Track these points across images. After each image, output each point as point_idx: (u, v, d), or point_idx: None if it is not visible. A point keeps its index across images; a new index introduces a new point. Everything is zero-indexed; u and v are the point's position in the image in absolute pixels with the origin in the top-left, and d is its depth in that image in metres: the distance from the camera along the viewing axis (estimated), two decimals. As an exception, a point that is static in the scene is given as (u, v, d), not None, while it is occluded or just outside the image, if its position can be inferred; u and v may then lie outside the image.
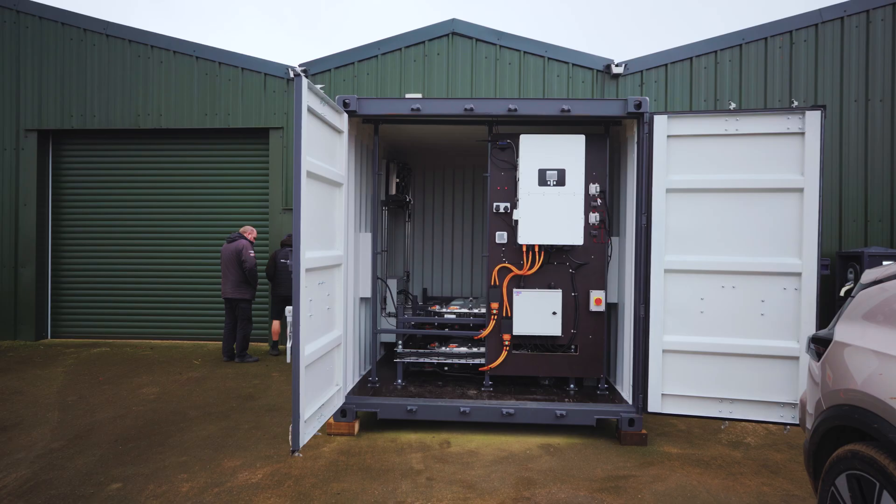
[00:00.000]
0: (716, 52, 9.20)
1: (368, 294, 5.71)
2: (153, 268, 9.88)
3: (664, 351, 4.79)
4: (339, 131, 5.03)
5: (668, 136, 4.77)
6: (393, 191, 7.04)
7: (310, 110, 4.21)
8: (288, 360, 3.78)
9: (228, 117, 9.51)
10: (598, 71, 9.35)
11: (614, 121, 5.34)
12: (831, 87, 9.07)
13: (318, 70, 9.55)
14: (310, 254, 4.19)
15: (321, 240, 4.53)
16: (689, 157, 4.74)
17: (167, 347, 9.20)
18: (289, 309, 3.92)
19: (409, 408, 5.05)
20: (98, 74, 9.72)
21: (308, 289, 4.19)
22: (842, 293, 8.15)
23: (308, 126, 4.16)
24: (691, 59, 9.24)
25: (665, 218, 4.75)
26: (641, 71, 9.33)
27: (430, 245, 8.62)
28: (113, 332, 9.93)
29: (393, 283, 7.13)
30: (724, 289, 4.67)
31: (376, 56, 9.44)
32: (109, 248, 9.96)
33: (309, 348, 4.20)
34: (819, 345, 2.98)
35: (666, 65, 9.30)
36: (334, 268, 4.91)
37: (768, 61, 9.13)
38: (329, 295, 4.77)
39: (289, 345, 3.79)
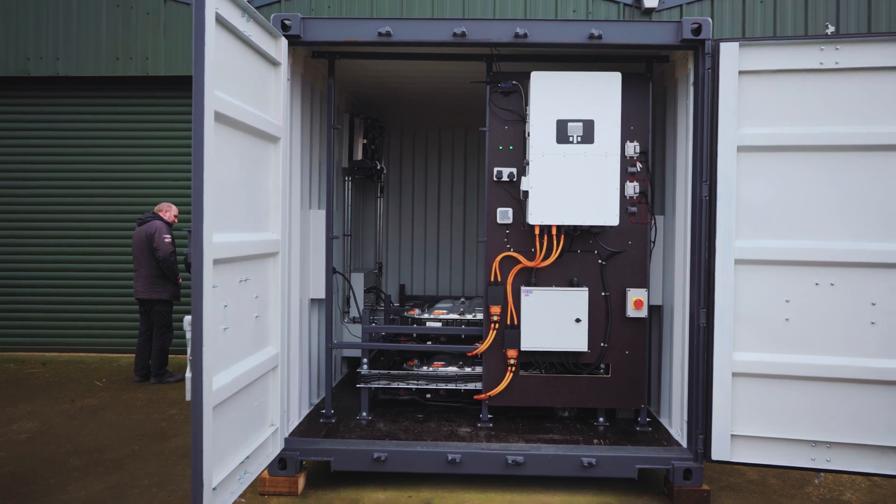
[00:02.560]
0: (776, -20, 8.53)
1: (322, 294, 5.11)
2: (49, 258, 9.19)
3: (734, 374, 4.29)
4: (274, 63, 4.30)
5: (740, 73, 4.27)
6: (359, 155, 6.48)
7: (221, 21, 3.37)
8: (188, 396, 2.88)
9: (147, 63, 8.86)
10: (625, 4, 8.70)
11: (660, 55, 4.89)
12: (924, 23, 8.36)
13: (263, 1, 8.69)
14: (222, 237, 3.41)
15: (244, 217, 3.80)
16: (768, 101, 4.26)
17: (65, 363, 8.52)
18: (188, 319, 3.11)
19: (375, 455, 4.39)
20: (-26, 6, 8.93)
21: (221, 290, 3.43)
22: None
23: (219, 46, 3.35)
24: (745, -11, 8.54)
25: (735, 188, 4.27)
26: (681, 5, 8.75)
27: (409, 228, 8.16)
28: (-5, 343, 9.23)
29: (359, 279, 6.65)
30: (819, 287, 4.22)
31: (339, -18, 8.63)
32: (-7, 234, 9.26)
33: (222, 379, 3.42)
34: None
35: (713, -4, 8.61)
36: (266, 258, 4.18)
37: (843, -8, 8.44)
38: (258, 297, 4.02)
39: (187, 375, 2.90)
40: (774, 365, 4.22)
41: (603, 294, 4.80)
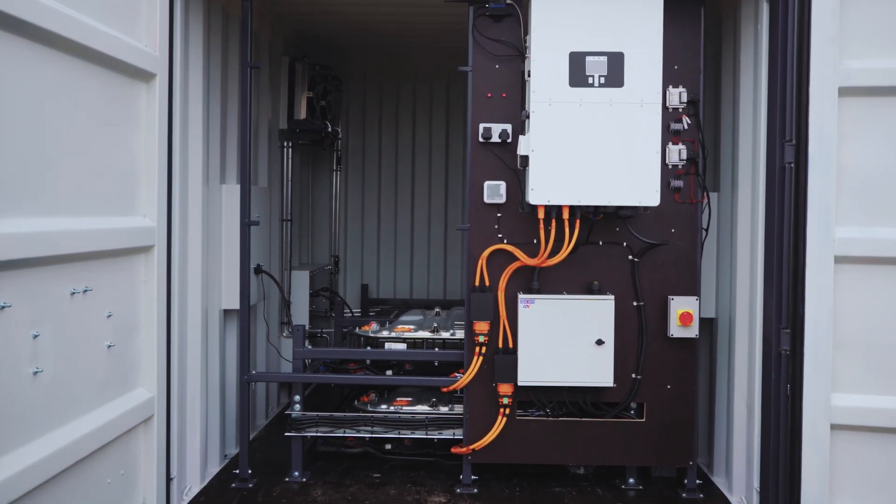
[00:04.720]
0: None
1: (236, 304, 4.65)
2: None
3: (834, 426, 3.78)
4: (143, -37, 3.60)
5: (842, -16, 3.85)
6: (302, 114, 6.20)
7: None
8: None
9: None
10: None
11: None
12: None
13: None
14: (16, 224, 2.53)
15: (82, 192, 3.05)
16: (887, 20, 3.78)
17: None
18: None
19: (304, 545, 3.85)
20: None
21: (23, 310, 2.58)
22: None
23: None
24: None
25: (835, 150, 3.77)
26: None
27: (374, 210, 7.79)
28: None
29: (303, 278, 6.22)
30: (964, 297, 3.69)
31: None
32: None
33: (22, 458, 2.51)
34: None
35: None
36: (131, 255, 3.46)
37: None
38: (112, 316, 3.25)
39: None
40: (894, 413, 3.70)
41: (635, 304, 4.44)
